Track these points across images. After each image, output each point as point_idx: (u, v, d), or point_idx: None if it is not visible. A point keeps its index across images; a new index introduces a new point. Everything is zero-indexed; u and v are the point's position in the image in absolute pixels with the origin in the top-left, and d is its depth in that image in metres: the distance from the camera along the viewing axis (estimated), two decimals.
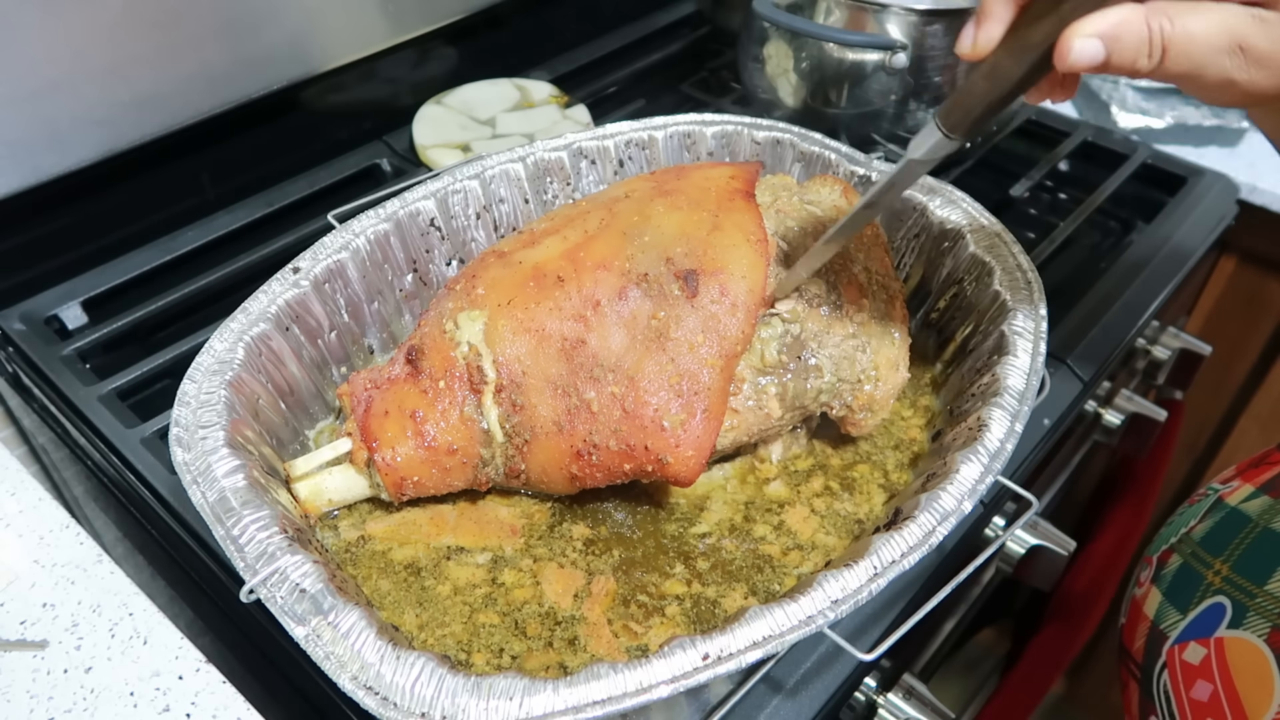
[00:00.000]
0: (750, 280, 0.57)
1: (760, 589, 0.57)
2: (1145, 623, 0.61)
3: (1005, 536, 0.55)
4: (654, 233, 0.59)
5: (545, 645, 0.54)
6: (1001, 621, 1.09)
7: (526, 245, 0.61)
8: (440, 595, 0.56)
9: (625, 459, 0.56)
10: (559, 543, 0.59)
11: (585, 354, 0.56)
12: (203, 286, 0.81)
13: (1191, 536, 0.61)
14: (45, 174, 0.76)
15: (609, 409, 0.56)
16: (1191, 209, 0.94)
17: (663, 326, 0.56)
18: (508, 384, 0.57)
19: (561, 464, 0.57)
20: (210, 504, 0.50)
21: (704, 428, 0.55)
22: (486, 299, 0.58)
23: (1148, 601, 0.61)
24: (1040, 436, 0.73)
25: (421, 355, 0.58)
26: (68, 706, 0.53)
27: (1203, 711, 0.54)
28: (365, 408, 0.58)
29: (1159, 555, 0.63)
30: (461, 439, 0.57)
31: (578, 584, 0.57)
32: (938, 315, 0.71)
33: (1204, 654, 0.55)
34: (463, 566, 0.58)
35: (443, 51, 1.03)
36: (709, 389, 0.56)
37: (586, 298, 0.57)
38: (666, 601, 0.56)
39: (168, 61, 0.79)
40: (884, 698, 0.66)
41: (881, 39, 0.86)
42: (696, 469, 0.56)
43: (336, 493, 0.58)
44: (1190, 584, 0.59)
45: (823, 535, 0.60)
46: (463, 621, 0.55)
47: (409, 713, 0.43)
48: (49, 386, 0.73)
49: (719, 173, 0.65)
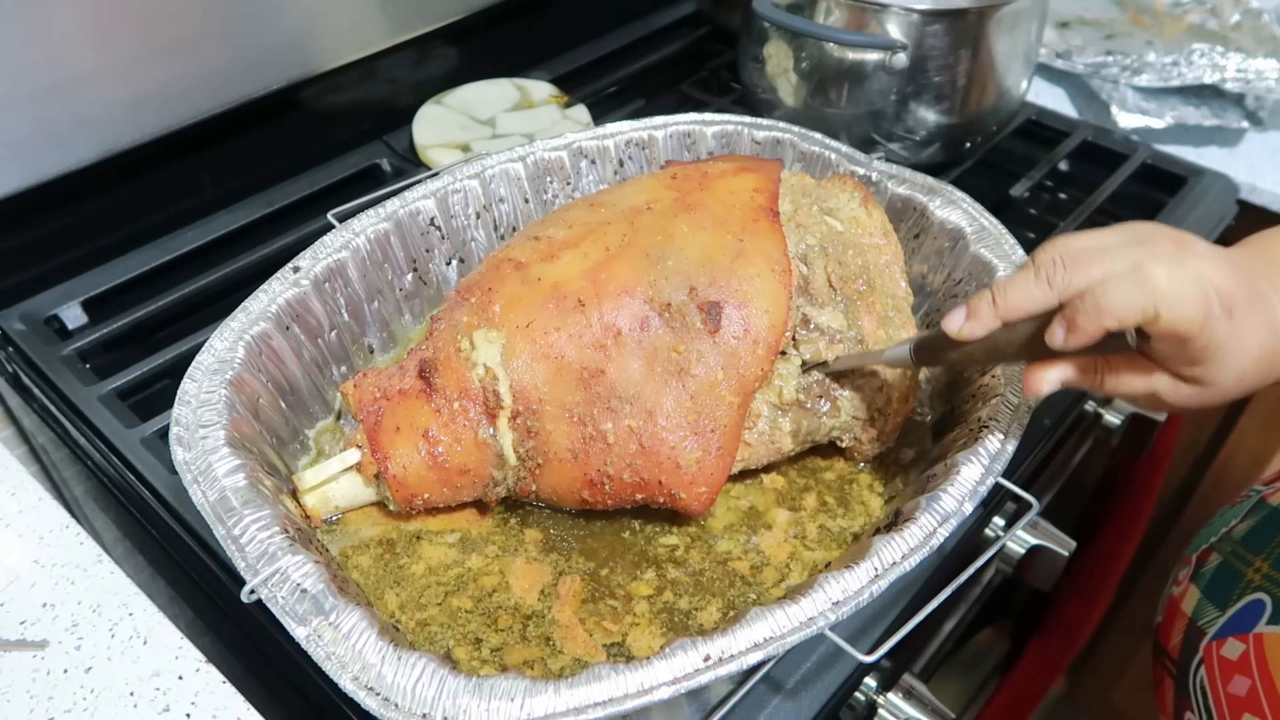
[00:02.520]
0: (773, 315, 0.57)
1: (736, 603, 0.57)
2: (1183, 620, 0.61)
3: (1006, 538, 0.55)
4: (677, 256, 0.58)
5: (520, 639, 0.54)
6: (1001, 621, 1.09)
7: (545, 259, 0.59)
8: (415, 574, 0.57)
9: (638, 490, 0.56)
10: (520, 538, 0.60)
11: (604, 384, 0.55)
12: (203, 286, 0.81)
13: (1232, 536, 0.61)
14: (45, 174, 0.76)
15: (625, 442, 0.55)
16: (1191, 209, 0.94)
17: (684, 361, 0.56)
18: (524, 410, 0.56)
19: (573, 489, 0.57)
20: (211, 503, 0.50)
21: (718, 464, 0.56)
22: (504, 319, 0.57)
23: (1185, 599, 0.61)
24: (1040, 437, 0.73)
25: (435, 371, 0.57)
26: (68, 706, 0.53)
27: (1240, 706, 0.55)
28: (375, 420, 0.57)
29: (1198, 555, 0.63)
30: (474, 461, 0.57)
31: (544, 579, 0.57)
32: (938, 316, 0.71)
33: (1243, 649, 0.55)
34: (434, 546, 0.59)
35: (443, 51, 1.02)
36: (725, 427, 0.56)
37: (608, 326, 0.56)
38: (635, 602, 0.57)
39: (168, 61, 0.79)
40: (884, 698, 0.65)
41: (881, 39, 0.86)
42: (708, 503, 0.56)
43: (343, 500, 0.58)
44: (1230, 581, 0.59)
45: (810, 551, 0.60)
46: (437, 604, 0.56)
47: (410, 713, 0.43)
48: (49, 386, 0.73)
49: (743, 184, 0.64)
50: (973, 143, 0.97)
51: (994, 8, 0.85)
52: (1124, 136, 1.04)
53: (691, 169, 0.66)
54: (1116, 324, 0.44)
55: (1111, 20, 1.15)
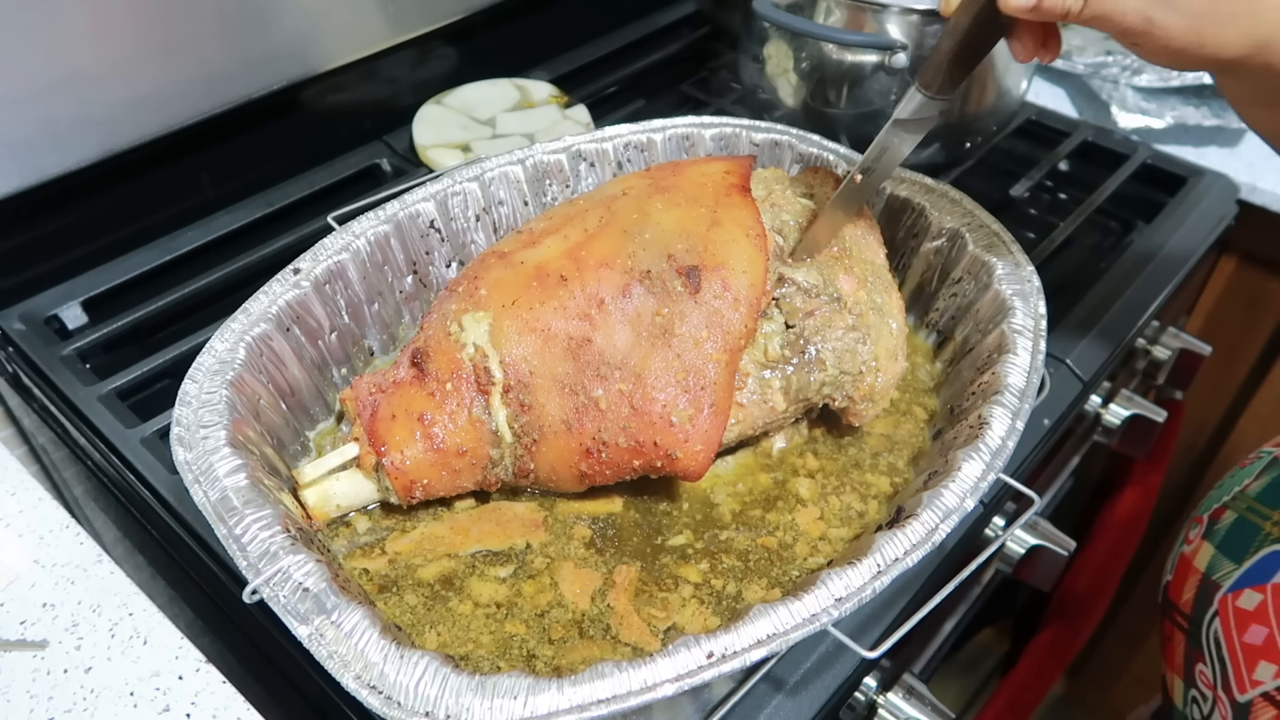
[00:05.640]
0: (751, 275, 0.58)
1: (779, 581, 0.57)
2: (1196, 575, 0.61)
3: (1007, 535, 0.55)
4: (654, 230, 0.59)
5: (580, 637, 0.54)
6: (1001, 621, 1.09)
7: (527, 245, 0.61)
8: (462, 614, 0.55)
9: (634, 455, 0.56)
10: (569, 539, 0.59)
11: (591, 352, 0.56)
12: (203, 286, 0.81)
13: (1247, 494, 0.62)
14: (45, 174, 0.76)
15: (617, 406, 0.56)
16: (1191, 209, 0.94)
17: (667, 323, 0.57)
18: (515, 384, 0.57)
19: (571, 462, 0.57)
20: (212, 503, 0.50)
21: (711, 422, 0.56)
22: (490, 300, 0.58)
23: (1198, 556, 0.62)
24: (1040, 436, 0.73)
25: (427, 358, 0.58)
26: (68, 706, 0.53)
27: (1256, 654, 0.55)
28: (371, 412, 0.58)
29: (1210, 514, 0.64)
30: (470, 440, 0.57)
31: (595, 584, 0.57)
32: (937, 315, 0.71)
33: (1260, 599, 0.56)
34: (484, 581, 0.57)
35: (443, 51, 1.03)
36: (715, 384, 0.56)
37: (591, 296, 0.57)
38: (684, 586, 0.57)
39: (168, 61, 0.79)
40: (884, 697, 0.65)
41: (881, 39, 0.86)
42: (705, 463, 0.56)
43: (344, 498, 0.58)
44: (1246, 536, 0.60)
45: (830, 528, 0.60)
46: (490, 633, 0.54)
47: (413, 711, 0.43)
48: (49, 386, 0.73)
49: (714, 168, 0.65)
50: (973, 143, 0.98)
51: None
52: (1124, 136, 1.04)
53: (666, 164, 0.68)
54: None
55: None
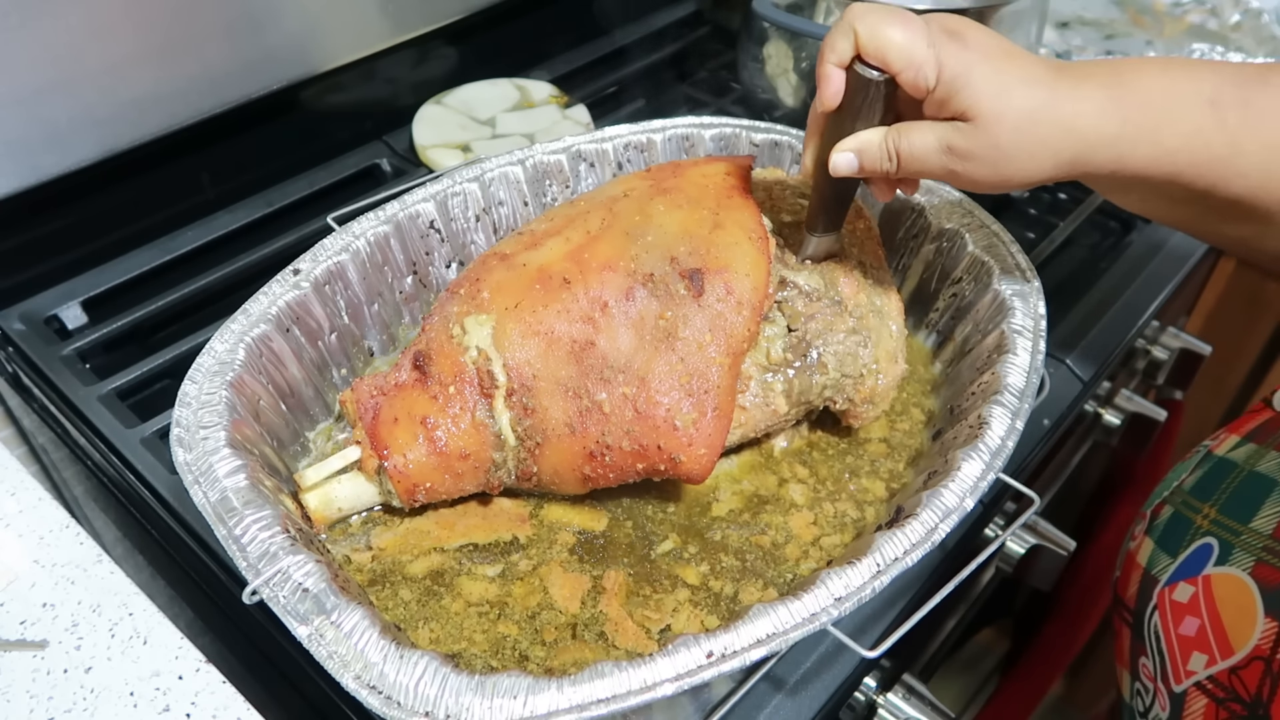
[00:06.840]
0: (754, 278, 0.58)
1: (774, 582, 0.57)
2: (1138, 571, 0.62)
3: (1007, 534, 0.55)
4: (656, 232, 0.59)
5: (571, 638, 0.54)
6: (1001, 621, 1.09)
7: (529, 247, 0.61)
8: (453, 611, 0.55)
9: (638, 459, 0.56)
10: (552, 544, 0.59)
11: (595, 355, 0.56)
12: (203, 286, 0.81)
13: (1182, 488, 0.63)
14: (45, 174, 0.76)
15: (621, 410, 0.56)
16: None
17: (670, 326, 0.56)
18: (519, 387, 0.56)
19: (574, 465, 0.57)
20: (212, 504, 0.50)
21: (715, 426, 0.56)
22: (493, 303, 0.58)
23: (1140, 551, 0.63)
24: (1040, 436, 0.73)
25: (429, 360, 0.58)
26: (68, 706, 0.53)
27: (1190, 645, 0.56)
28: (373, 415, 0.57)
29: (1152, 509, 0.65)
30: (473, 444, 0.57)
31: (583, 588, 0.57)
32: (937, 315, 0.71)
33: (1192, 592, 0.57)
34: (474, 580, 0.57)
35: (443, 51, 1.03)
36: (718, 387, 0.56)
37: (594, 299, 0.57)
38: (680, 589, 0.57)
39: (168, 61, 0.79)
40: (884, 697, 0.66)
41: None
42: (709, 466, 0.56)
43: (346, 501, 0.58)
44: (1180, 530, 0.61)
45: (825, 533, 0.60)
46: (483, 632, 0.54)
47: (412, 711, 0.43)
48: (49, 386, 0.73)
49: (715, 168, 0.65)
50: None
51: (994, 8, 0.86)
52: None
53: (666, 164, 0.68)
54: (835, 57, 0.50)
55: (1111, 20, 1.15)
